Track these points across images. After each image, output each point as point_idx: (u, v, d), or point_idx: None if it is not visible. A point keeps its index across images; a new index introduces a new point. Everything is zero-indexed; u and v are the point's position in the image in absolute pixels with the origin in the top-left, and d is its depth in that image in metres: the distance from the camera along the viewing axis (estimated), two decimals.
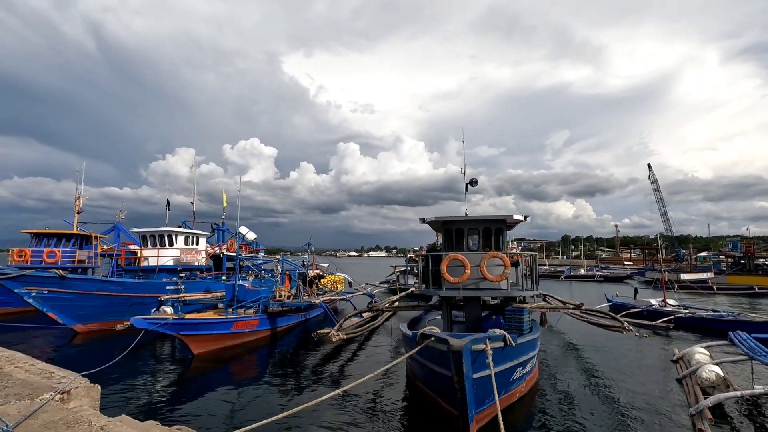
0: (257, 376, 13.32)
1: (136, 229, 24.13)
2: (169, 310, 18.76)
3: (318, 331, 15.94)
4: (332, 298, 20.86)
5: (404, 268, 39.89)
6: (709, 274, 46.97)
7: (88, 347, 17.05)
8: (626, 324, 12.50)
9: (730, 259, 52.12)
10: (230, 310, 17.92)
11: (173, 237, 24.00)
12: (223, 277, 26.71)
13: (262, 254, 32.97)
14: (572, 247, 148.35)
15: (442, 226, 13.02)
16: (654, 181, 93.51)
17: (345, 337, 13.95)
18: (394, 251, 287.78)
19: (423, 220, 13.70)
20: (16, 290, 16.70)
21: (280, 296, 18.74)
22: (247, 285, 18.80)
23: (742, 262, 47.61)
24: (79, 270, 29.47)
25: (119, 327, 16.87)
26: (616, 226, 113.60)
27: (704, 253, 77.46)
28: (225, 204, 32.50)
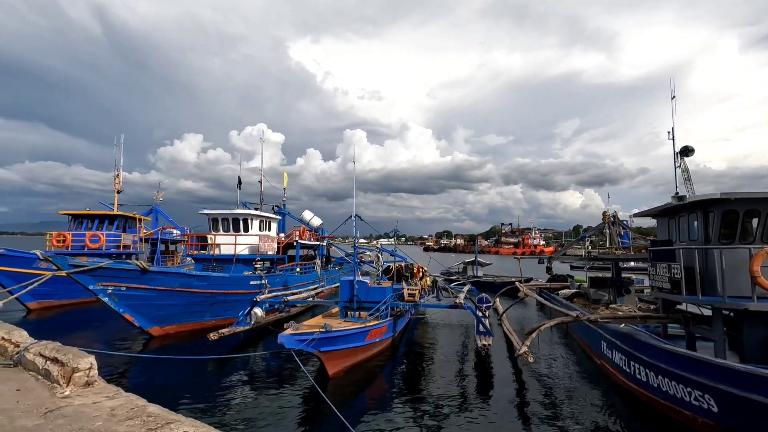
0: (408, 403, 10.00)
1: (206, 211, 20.15)
2: (259, 312, 15.36)
3: (483, 344, 12.63)
4: (460, 299, 16.97)
5: (471, 259, 36.95)
6: None
7: (170, 365, 11.72)
8: None
9: None
10: (349, 313, 14.37)
11: (249, 221, 20.04)
12: (297, 269, 22.92)
13: (327, 242, 29.15)
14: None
15: (722, 205, 9.08)
16: (685, 170, 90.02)
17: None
18: (403, 239, 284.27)
19: (681, 198, 9.86)
20: (90, 286, 12.79)
21: (411, 295, 14.98)
22: (368, 281, 14.98)
23: None
24: (123, 256, 25.62)
25: (213, 337, 13.10)
26: (631, 216, 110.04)
27: None
28: (285, 184, 28.45)
